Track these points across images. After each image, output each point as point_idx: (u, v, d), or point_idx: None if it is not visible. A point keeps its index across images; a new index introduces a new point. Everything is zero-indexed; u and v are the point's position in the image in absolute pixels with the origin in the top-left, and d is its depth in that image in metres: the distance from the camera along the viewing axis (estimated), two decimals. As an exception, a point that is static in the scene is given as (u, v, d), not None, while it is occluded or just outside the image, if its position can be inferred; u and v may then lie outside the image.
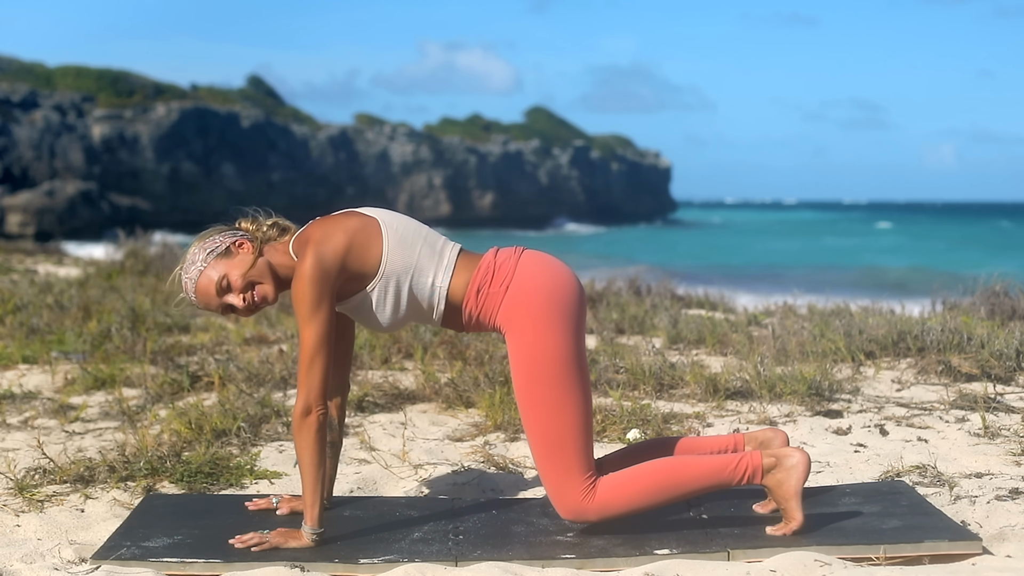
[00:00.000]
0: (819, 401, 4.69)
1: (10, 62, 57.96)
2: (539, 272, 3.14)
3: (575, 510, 3.10)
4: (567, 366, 3.08)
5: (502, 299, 3.12)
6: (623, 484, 3.11)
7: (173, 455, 3.99)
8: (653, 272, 10.95)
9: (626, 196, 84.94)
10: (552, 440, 3.07)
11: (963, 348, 5.30)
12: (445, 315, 3.19)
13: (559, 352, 3.08)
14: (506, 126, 79.83)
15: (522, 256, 3.17)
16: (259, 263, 3.14)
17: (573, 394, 3.09)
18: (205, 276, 3.11)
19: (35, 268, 12.14)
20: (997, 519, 3.26)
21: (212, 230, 3.22)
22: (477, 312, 3.15)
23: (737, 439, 3.30)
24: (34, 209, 49.48)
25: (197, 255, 3.15)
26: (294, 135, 63.17)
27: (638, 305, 7.55)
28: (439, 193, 68.86)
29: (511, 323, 3.11)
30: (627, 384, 4.98)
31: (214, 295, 3.12)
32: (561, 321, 3.09)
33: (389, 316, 3.16)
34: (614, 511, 3.10)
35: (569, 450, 3.08)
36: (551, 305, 3.09)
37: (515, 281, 3.12)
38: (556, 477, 3.09)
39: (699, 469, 3.11)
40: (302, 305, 3.03)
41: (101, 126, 54.72)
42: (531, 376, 3.08)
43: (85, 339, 6.38)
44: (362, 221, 3.15)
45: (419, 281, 3.14)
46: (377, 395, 4.92)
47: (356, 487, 3.82)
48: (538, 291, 3.10)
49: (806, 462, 3.09)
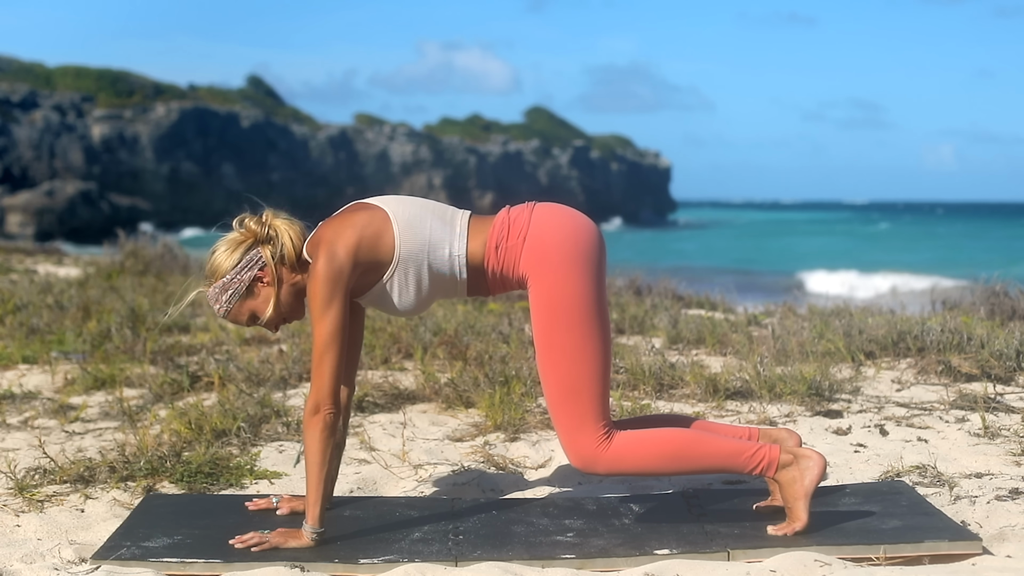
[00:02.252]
0: (819, 401, 4.69)
1: (10, 62, 57.99)
2: (555, 220, 3.14)
3: (587, 457, 3.07)
4: (587, 313, 3.08)
5: (521, 250, 3.12)
6: (640, 442, 3.09)
7: (173, 455, 3.99)
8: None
9: (626, 196, 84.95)
10: (569, 386, 3.06)
11: (963, 348, 5.30)
12: (470, 282, 3.18)
13: (579, 298, 3.07)
14: (506, 126, 79.86)
15: (535, 208, 3.19)
16: (282, 296, 3.19)
17: (592, 341, 3.08)
18: (232, 315, 3.22)
19: (35, 268, 12.14)
20: (997, 519, 3.26)
21: (224, 251, 3.19)
22: (500, 269, 3.14)
23: (753, 432, 3.29)
24: (34, 209, 49.51)
25: (219, 296, 3.18)
26: (294, 135, 63.21)
27: (638, 305, 7.55)
28: (439, 193, 68.88)
29: (532, 272, 3.11)
30: (627, 384, 4.98)
31: (243, 324, 3.25)
32: (581, 267, 3.09)
33: (413, 298, 3.17)
34: (625, 468, 3.08)
35: (585, 397, 3.06)
36: (570, 251, 3.09)
37: (531, 231, 3.12)
38: (570, 423, 3.07)
39: (717, 448, 3.10)
40: (315, 302, 3.06)
41: (101, 126, 54.76)
42: (550, 322, 3.07)
43: (85, 339, 6.38)
44: (369, 214, 3.16)
45: (436, 255, 3.14)
46: (377, 395, 4.92)
47: (356, 487, 3.82)
48: (556, 238, 3.10)
49: (823, 466, 3.09)
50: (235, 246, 3.20)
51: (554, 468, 4.02)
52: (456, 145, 71.29)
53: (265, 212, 3.24)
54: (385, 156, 67.66)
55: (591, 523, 3.28)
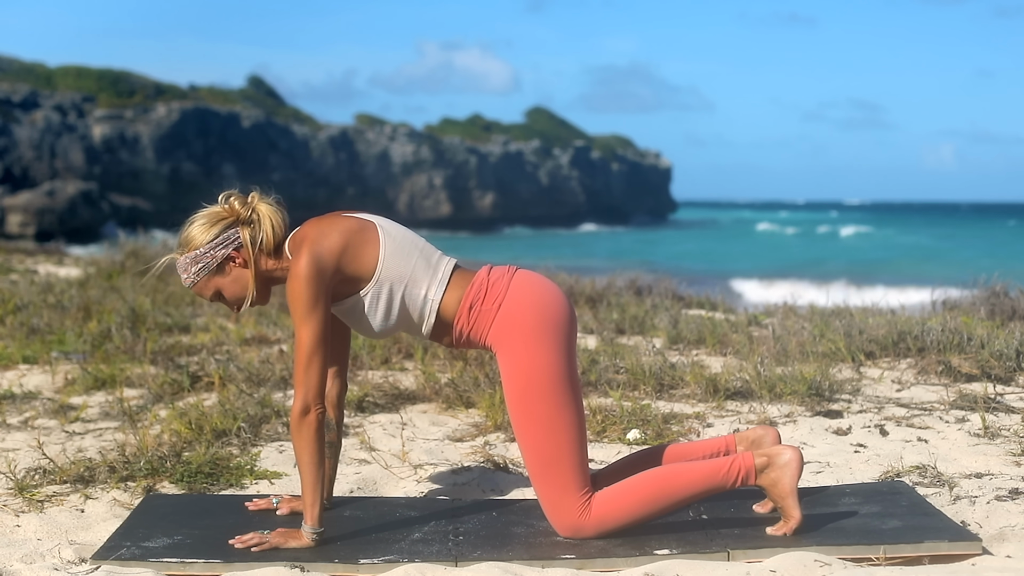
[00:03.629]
0: (819, 401, 4.69)
1: (10, 62, 57.99)
2: (531, 292, 3.15)
3: (572, 527, 3.10)
4: (559, 384, 3.09)
5: (494, 317, 3.12)
6: (618, 498, 3.11)
7: (173, 455, 3.99)
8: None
9: (626, 196, 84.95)
10: (547, 458, 3.08)
11: (963, 348, 5.30)
12: (434, 329, 3.19)
13: (551, 370, 3.08)
14: (506, 126, 79.86)
15: (515, 275, 3.18)
16: (254, 280, 3.17)
17: (566, 411, 3.09)
18: (197, 288, 3.23)
19: (35, 268, 12.14)
20: (997, 519, 3.26)
21: (201, 224, 3.18)
22: (468, 329, 3.16)
23: (728, 441, 3.29)
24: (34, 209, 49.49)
25: (189, 267, 3.18)
26: (294, 135, 63.20)
27: (638, 305, 7.55)
28: (439, 193, 68.87)
29: (503, 342, 3.12)
30: (627, 384, 4.98)
31: (207, 298, 3.26)
32: (553, 340, 3.10)
33: (380, 322, 3.16)
34: (611, 525, 3.11)
35: (564, 467, 3.08)
36: (543, 324, 3.10)
37: (507, 300, 3.13)
38: (552, 495, 3.09)
39: (692, 476, 3.11)
40: (298, 304, 3.03)
41: (101, 126, 54.75)
42: (524, 394, 3.09)
43: (85, 339, 6.39)
44: (359, 224, 3.15)
45: (412, 292, 3.14)
46: (377, 395, 4.92)
47: (356, 487, 3.82)
48: (530, 310, 3.11)
49: (798, 459, 3.09)
50: (214, 221, 3.18)
51: (554, 468, 4.02)
52: (457, 145, 71.26)
53: (252, 193, 3.23)
54: (386, 156, 67.64)
55: (591, 523, 3.27)
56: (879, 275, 27.05)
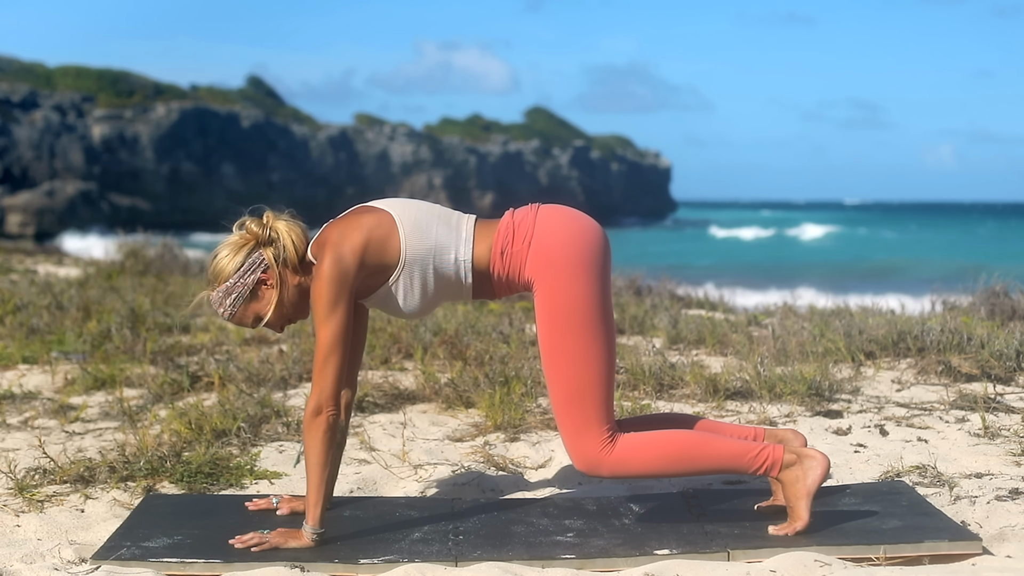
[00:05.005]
0: (819, 401, 4.69)
1: (10, 62, 57.99)
2: (559, 224, 3.14)
3: (591, 461, 3.08)
4: (592, 317, 3.08)
5: (527, 255, 3.12)
6: (644, 445, 3.09)
7: (173, 455, 3.99)
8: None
9: (626, 196, 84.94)
10: (573, 390, 3.07)
11: (963, 348, 5.30)
12: (475, 286, 3.19)
13: (584, 302, 3.07)
14: (506, 126, 79.85)
15: (540, 211, 3.18)
16: (286, 297, 3.19)
17: (597, 345, 3.08)
18: (237, 319, 3.23)
19: (35, 268, 12.14)
20: (997, 519, 3.26)
21: (226, 255, 3.19)
22: (505, 273, 3.15)
23: (758, 431, 3.29)
24: (34, 209, 49.51)
25: (223, 300, 3.18)
26: (294, 135, 63.19)
27: (638, 305, 7.55)
28: (439, 193, 68.85)
29: (538, 277, 3.11)
30: (627, 384, 4.98)
31: (249, 326, 3.27)
32: (586, 271, 3.09)
33: (419, 301, 3.17)
34: (628, 470, 3.09)
35: (590, 401, 3.07)
36: (574, 255, 3.10)
37: (536, 235, 3.12)
38: (575, 426, 3.07)
39: (721, 449, 3.10)
40: (319, 305, 3.05)
41: (101, 126, 54.75)
42: (555, 326, 3.08)
43: (85, 339, 6.38)
44: (376, 217, 3.16)
45: (442, 260, 3.14)
46: (377, 395, 4.92)
47: (356, 487, 3.82)
48: (561, 241, 3.11)
49: (826, 466, 3.09)
50: (237, 249, 3.19)
51: (554, 468, 4.02)
52: (456, 145, 71.26)
53: (266, 214, 3.23)
54: (385, 156, 67.63)
55: (591, 523, 3.28)
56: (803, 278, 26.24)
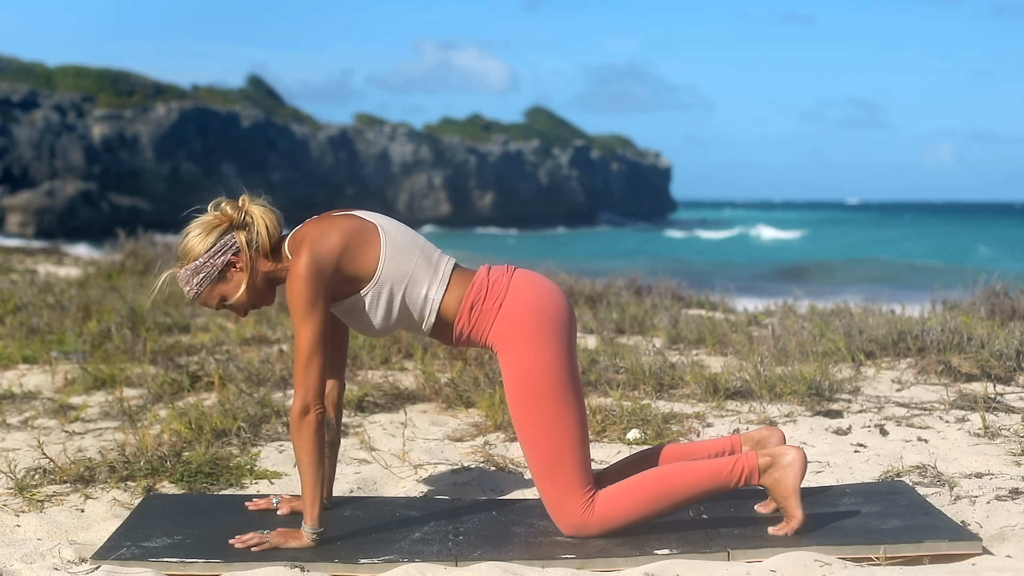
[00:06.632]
0: (819, 401, 4.69)
1: (10, 62, 57.97)
2: (531, 291, 3.15)
3: (575, 525, 3.10)
4: (561, 382, 3.09)
5: (495, 317, 3.13)
6: (622, 496, 3.11)
7: (173, 455, 3.99)
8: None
9: (626, 196, 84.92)
10: (550, 457, 3.08)
11: (963, 348, 5.30)
12: (435, 328, 3.20)
13: (552, 369, 3.09)
14: (506, 126, 79.80)
15: (514, 275, 3.19)
16: (255, 283, 3.18)
17: (568, 410, 3.10)
18: (202, 299, 3.23)
19: (35, 268, 12.14)
20: (997, 519, 3.26)
21: (197, 234, 3.18)
22: (469, 329, 3.16)
23: (734, 440, 3.30)
24: (34, 209, 49.49)
25: (191, 278, 3.18)
26: (294, 135, 63.17)
27: (638, 305, 7.55)
28: (439, 193, 68.84)
29: (504, 341, 3.12)
30: (627, 384, 4.98)
31: (213, 307, 3.26)
32: (553, 339, 3.11)
33: (380, 321, 3.16)
34: (614, 524, 3.11)
35: (567, 466, 3.08)
36: (543, 323, 3.11)
37: (508, 300, 3.13)
38: (555, 493, 3.10)
39: (696, 475, 3.11)
40: (297, 304, 3.03)
41: (101, 126, 54.73)
42: (526, 393, 3.09)
43: (85, 339, 6.38)
44: (359, 224, 3.15)
45: (413, 291, 3.14)
46: (377, 395, 4.92)
47: (356, 487, 3.82)
48: (530, 310, 3.12)
49: (802, 459, 3.09)
50: (209, 230, 3.18)
51: (554, 468, 4.02)
52: (456, 145, 71.21)
53: (242, 197, 3.22)
54: (385, 156, 67.59)
55: (591, 523, 3.27)
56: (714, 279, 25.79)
